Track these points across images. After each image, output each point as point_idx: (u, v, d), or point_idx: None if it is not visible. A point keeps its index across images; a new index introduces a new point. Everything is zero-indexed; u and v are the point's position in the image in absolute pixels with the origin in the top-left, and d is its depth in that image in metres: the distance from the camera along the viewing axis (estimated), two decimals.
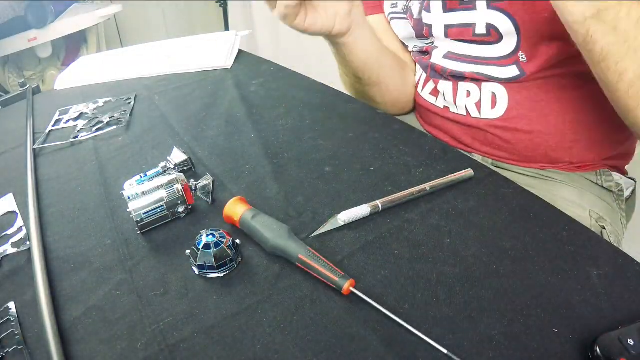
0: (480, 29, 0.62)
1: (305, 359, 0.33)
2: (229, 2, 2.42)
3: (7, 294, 0.41)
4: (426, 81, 0.75)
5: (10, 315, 0.38)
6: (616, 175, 0.70)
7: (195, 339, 0.35)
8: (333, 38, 0.65)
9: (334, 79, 0.76)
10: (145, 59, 0.93)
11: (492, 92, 0.65)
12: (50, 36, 2.00)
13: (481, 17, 0.61)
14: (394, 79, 0.77)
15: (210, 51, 0.93)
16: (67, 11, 2.04)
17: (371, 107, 0.67)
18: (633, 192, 0.74)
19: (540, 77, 0.62)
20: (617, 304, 0.35)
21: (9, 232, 0.48)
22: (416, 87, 0.79)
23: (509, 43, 0.61)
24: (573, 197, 0.65)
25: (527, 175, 0.69)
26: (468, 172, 0.49)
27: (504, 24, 0.59)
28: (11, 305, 0.39)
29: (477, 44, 0.65)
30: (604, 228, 0.63)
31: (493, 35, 0.62)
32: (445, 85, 0.71)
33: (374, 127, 0.61)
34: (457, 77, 0.68)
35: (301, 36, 0.63)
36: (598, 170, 0.68)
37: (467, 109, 0.69)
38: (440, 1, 0.65)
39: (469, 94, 0.68)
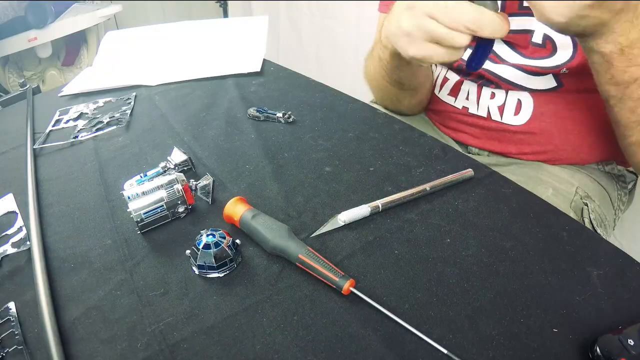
0: (537, 38, 0.59)
1: (305, 359, 0.33)
2: (229, 2, 2.41)
3: (7, 294, 0.41)
4: (444, 81, 0.73)
5: (10, 315, 0.38)
6: (619, 166, 0.69)
7: (195, 339, 0.35)
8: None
9: (334, 79, 0.76)
10: (169, 62, 0.88)
11: (518, 99, 0.64)
12: (50, 36, 2.00)
13: (540, 25, 0.54)
14: (429, 82, 0.75)
15: (239, 49, 0.88)
16: (67, 11, 2.03)
17: (371, 107, 0.67)
18: (634, 186, 0.73)
19: (574, 91, 0.60)
20: (617, 304, 0.35)
21: (9, 232, 0.48)
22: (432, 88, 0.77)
23: (561, 56, 0.58)
24: (563, 175, 0.65)
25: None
26: (468, 172, 0.49)
27: (562, 36, 0.56)
28: (11, 305, 0.39)
29: (527, 57, 0.61)
30: (586, 205, 0.61)
31: (547, 48, 0.58)
32: (470, 85, 0.69)
33: (374, 127, 0.61)
34: (487, 82, 0.66)
35: (301, 36, 0.62)
36: (600, 161, 0.68)
37: (488, 111, 0.67)
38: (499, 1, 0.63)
39: (493, 95, 0.66)
